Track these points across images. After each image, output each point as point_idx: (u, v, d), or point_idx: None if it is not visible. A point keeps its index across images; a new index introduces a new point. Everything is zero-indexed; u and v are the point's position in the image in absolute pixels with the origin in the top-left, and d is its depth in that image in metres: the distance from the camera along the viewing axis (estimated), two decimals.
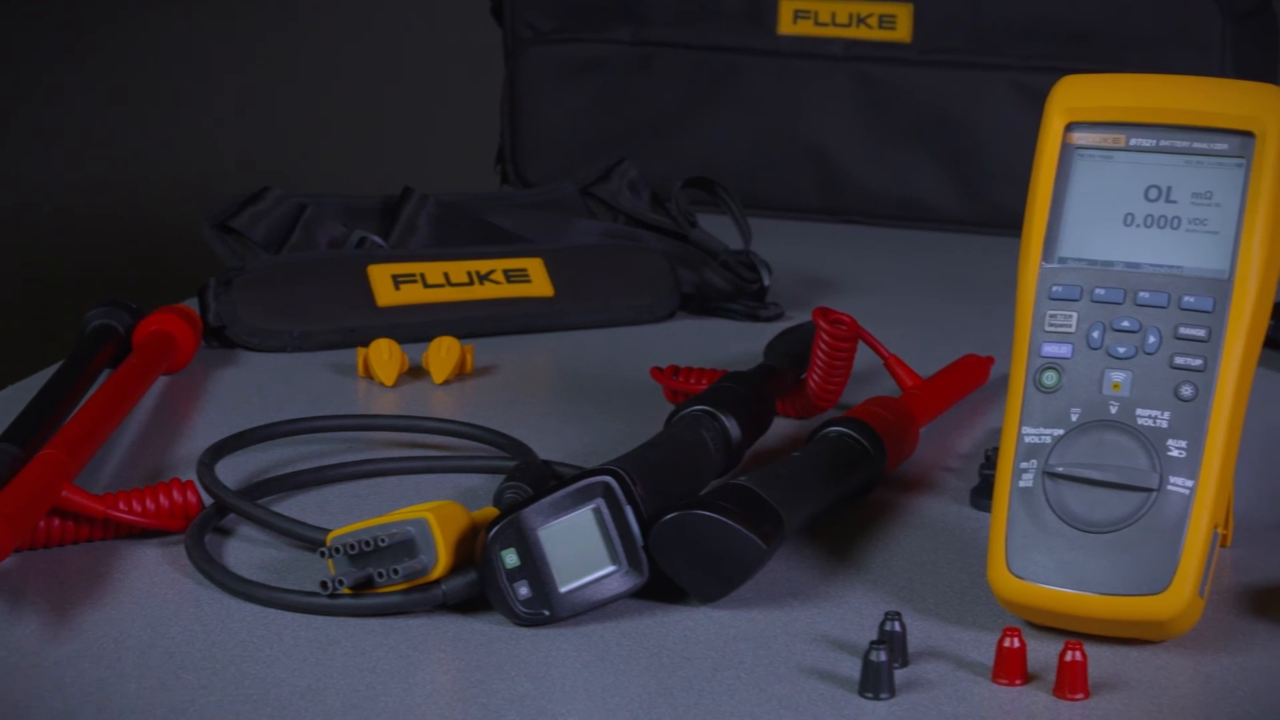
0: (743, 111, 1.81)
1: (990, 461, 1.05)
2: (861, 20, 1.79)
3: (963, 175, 1.76)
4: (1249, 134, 0.88)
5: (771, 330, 1.33)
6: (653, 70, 1.83)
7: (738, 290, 1.45)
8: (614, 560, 0.89)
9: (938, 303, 1.52)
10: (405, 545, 0.88)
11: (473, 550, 0.90)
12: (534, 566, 0.88)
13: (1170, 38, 1.72)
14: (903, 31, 1.78)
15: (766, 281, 1.45)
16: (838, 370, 1.15)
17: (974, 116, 1.76)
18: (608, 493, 0.89)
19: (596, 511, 0.89)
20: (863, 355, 1.20)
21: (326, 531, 0.92)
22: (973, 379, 1.23)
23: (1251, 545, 0.99)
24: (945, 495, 1.06)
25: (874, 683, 0.81)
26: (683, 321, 1.44)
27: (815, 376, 1.15)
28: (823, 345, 1.14)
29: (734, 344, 1.37)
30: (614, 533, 0.89)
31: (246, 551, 0.96)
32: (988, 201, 1.74)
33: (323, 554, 0.89)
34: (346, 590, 0.89)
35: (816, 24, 1.80)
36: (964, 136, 1.76)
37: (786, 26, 1.81)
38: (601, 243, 1.47)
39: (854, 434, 1.03)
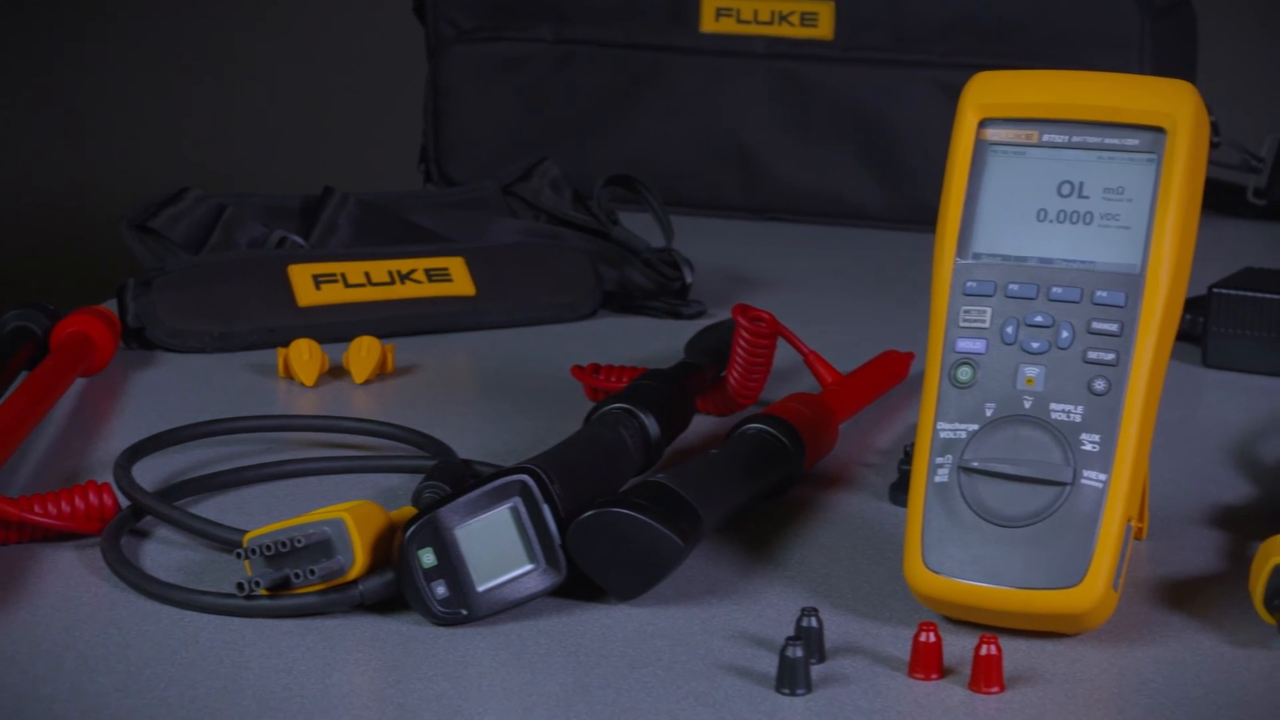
0: (665, 109, 1.82)
1: (909, 457, 1.05)
2: (783, 18, 1.79)
3: (885, 172, 1.76)
4: (1160, 130, 0.89)
5: (694, 328, 1.34)
6: (575, 68, 1.83)
7: (660, 288, 1.45)
8: (531, 559, 0.89)
9: (859, 299, 1.53)
10: (322, 546, 0.88)
11: (390, 550, 0.89)
12: (451, 566, 0.88)
13: (1090, 35, 1.73)
14: (825, 29, 1.78)
15: (689, 279, 1.45)
16: (757, 367, 1.15)
17: (896, 113, 1.76)
18: (525, 491, 0.89)
19: (514, 510, 0.89)
20: (785, 352, 1.21)
21: (243, 533, 0.91)
22: (893, 374, 1.23)
23: (1167, 538, 0.99)
24: (864, 491, 1.06)
25: (790, 678, 0.82)
26: (605, 319, 1.44)
27: (735, 373, 1.15)
28: (742, 342, 1.14)
29: (656, 342, 1.37)
30: (531, 531, 0.89)
31: (163, 554, 0.96)
32: (910, 198, 1.75)
33: (239, 555, 0.89)
34: (263, 591, 0.88)
35: (739, 22, 1.81)
36: (886, 133, 1.76)
37: (709, 24, 1.81)
38: (523, 241, 1.47)
39: (773, 430, 1.03)
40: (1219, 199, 1.88)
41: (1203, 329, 1.31)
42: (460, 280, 1.39)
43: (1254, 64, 2.47)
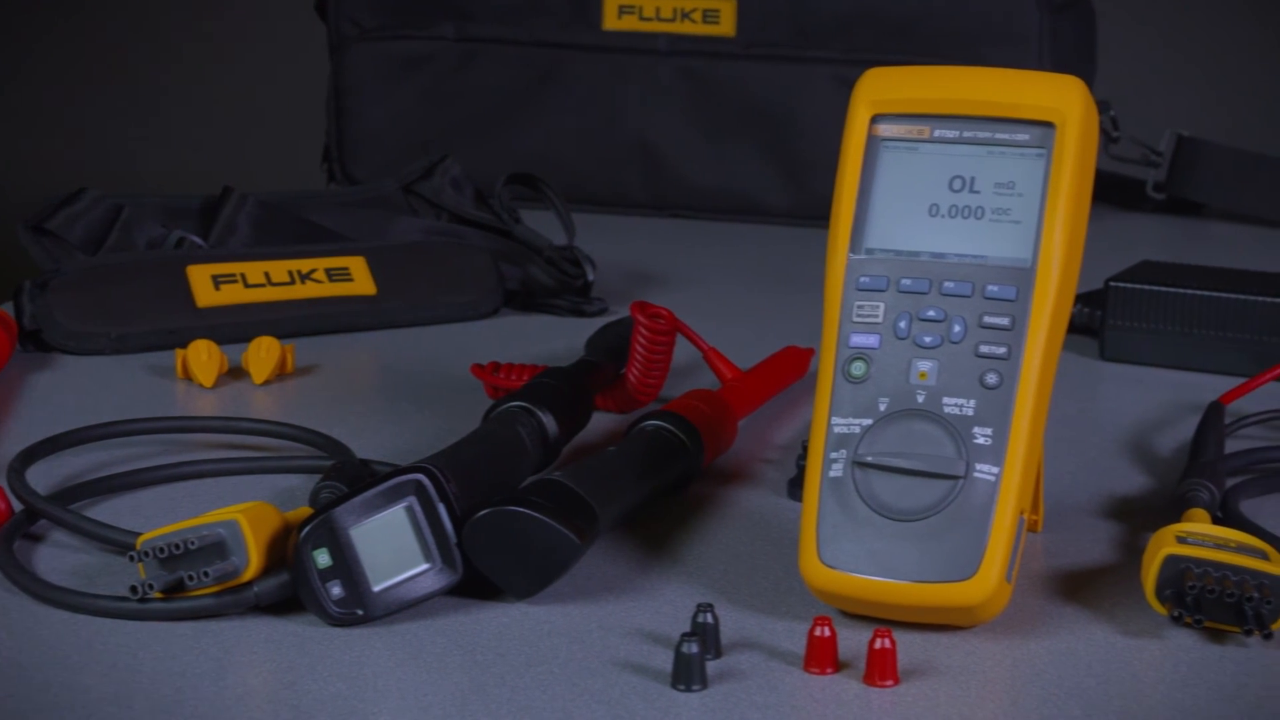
0: (568, 107, 1.82)
1: (807, 452, 1.05)
2: (685, 15, 1.80)
3: (787, 168, 1.77)
4: (1049, 124, 0.89)
5: (596, 325, 1.33)
6: (478, 66, 1.83)
7: (562, 286, 1.45)
8: (427, 558, 0.89)
9: (761, 295, 1.53)
10: (216, 547, 0.87)
11: (286, 551, 0.89)
12: (346, 566, 0.87)
13: (988, 30, 1.74)
14: (726, 26, 1.79)
15: (591, 277, 1.45)
16: (656, 364, 1.15)
17: (798, 109, 1.77)
18: (420, 490, 0.89)
19: (409, 509, 0.89)
20: (686, 349, 1.21)
21: (137, 535, 0.91)
22: (793, 370, 1.23)
23: (1062, 530, 1.00)
24: (763, 487, 1.06)
25: (686, 674, 0.82)
26: (507, 318, 1.44)
27: (634, 370, 1.15)
28: (641, 339, 1.14)
29: (558, 340, 1.37)
30: (427, 530, 0.89)
31: (58, 557, 0.95)
32: (812, 194, 1.76)
33: (133, 558, 0.88)
34: (157, 594, 0.88)
35: (641, 19, 1.81)
36: (788, 129, 1.77)
37: (611, 22, 1.81)
38: (424, 240, 1.46)
39: (670, 427, 1.03)
40: (1119, 193, 1.90)
41: (1100, 322, 1.32)
42: (361, 280, 1.39)
43: (1154, 59, 2.49)
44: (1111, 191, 1.91)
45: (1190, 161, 1.84)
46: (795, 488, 1.04)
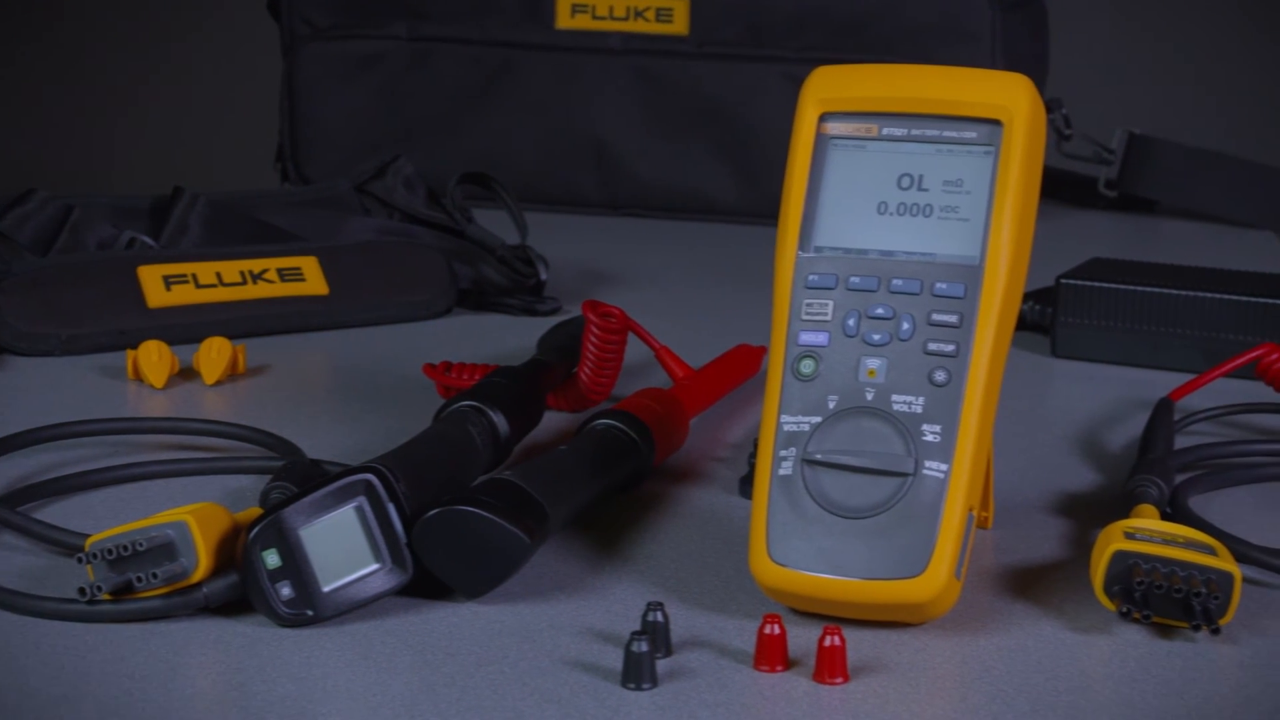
0: (522, 106, 1.81)
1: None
2: (639, 14, 1.80)
3: (740, 167, 1.77)
4: (997, 122, 0.89)
5: (549, 324, 1.33)
6: (431, 66, 1.83)
7: (515, 285, 1.45)
8: (377, 558, 0.89)
9: (715, 294, 1.53)
10: (165, 549, 0.87)
11: (235, 552, 0.89)
12: (296, 566, 0.87)
13: (941, 28, 1.75)
14: (680, 24, 1.79)
15: (543, 276, 1.45)
16: (608, 362, 1.15)
17: (751, 108, 1.77)
18: (369, 490, 0.89)
19: (359, 509, 0.89)
20: (639, 348, 1.21)
21: (86, 537, 0.90)
22: (745, 369, 1.23)
23: (1012, 527, 1.00)
24: (714, 485, 1.06)
25: (636, 673, 0.82)
26: (460, 317, 1.44)
27: (586, 369, 1.15)
28: (592, 338, 1.14)
29: (511, 339, 1.37)
30: (376, 530, 0.89)
31: (5, 559, 0.94)
32: (765, 192, 1.76)
33: (81, 560, 0.88)
34: (106, 596, 0.87)
35: (594, 18, 1.81)
36: (741, 128, 1.77)
37: (565, 20, 1.81)
38: (376, 240, 1.46)
39: (621, 426, 1.03)
40: (1072, 191, 1.91)
41: (1051, 319, 1.33)
42: (313, 280, 1.38)
43: (1105, 57, 2.50)
44: (1064, 189, 1.92)
45: (1142, 159, 1.84)
46: (746, 486, 1.04)
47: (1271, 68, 2.55)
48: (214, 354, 1.24)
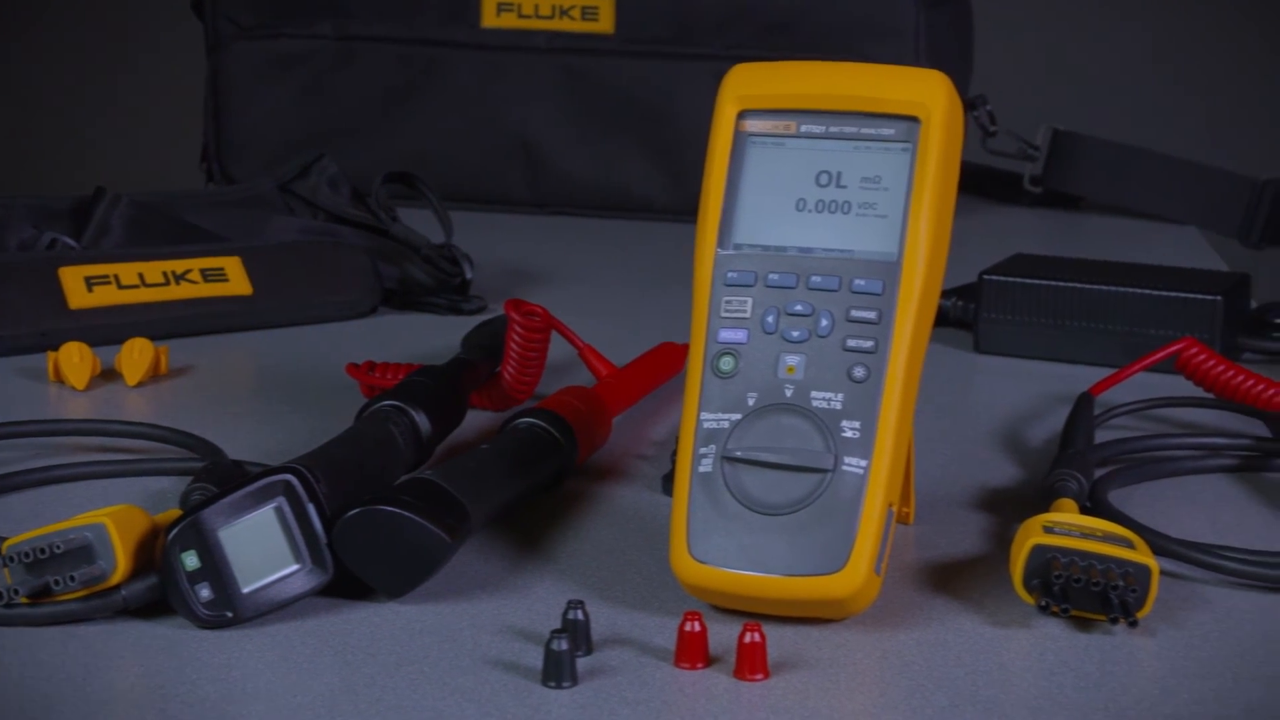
0: (448, 105, 1.81)
1: None
2: (564, 12, 1.80)
3: (667, 164, 1.78)
4: (914, 119, 0.90)
5: (474, 324, 1.33)
6: (357, 65, 1.82)
7: (440, 284, 1.45)
8: (297, 559, 0.88)
9: (641, 291, 1.53)
10: (83, 551, 0.87)
11: (154, 554, 0.88)
12: (215, 568, 0.87)
13: (866, 26, 1.75)
14: (605, 23, 1.79)
15: (469, 275, 1.45)
16: (531, 361, 1.15)
17: (678, 106, 1.78)
18: (289, 490, 0.89)
19: (278, 510, 0.88)
20: (564, 347, 1.21)
21: (3, 540, 0.90)
22: (669, 366, 1.24)
23: (933, 522, 1.01)
24: (637, 483, 1.07)
25: (556, 671, 0.82)
26: (385, 317, 1.43)
27: (509, 368, 1.15)
28: (515, 337, 1.14)
29: (437, 338, 1.36)
30: (296, 531, 0.88)
31: None
32: (692, 190, 1.74)
33: None
34: (23, 599, 0.87)
35: (520, 16, 1.81)
36: (668, 126, 1.78)
37: (490, 19, 1.81)
38: (300, 240, 1.46)
39: (544, 424, 1.03)
40: (997, 187, 1.92)
41: (974, 315, 1.33)
42: (236, 280, 1.38)
43: (1030, 54, 2.51)
44: (990, 185, 1.92)
45: (1066, 155, 1.85)
46: (669, 483, 1.05)
47: (1195, 63, 2.57)
48: (136, 355, 1.24)
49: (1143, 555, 0.88)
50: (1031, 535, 0.88)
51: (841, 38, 1.75)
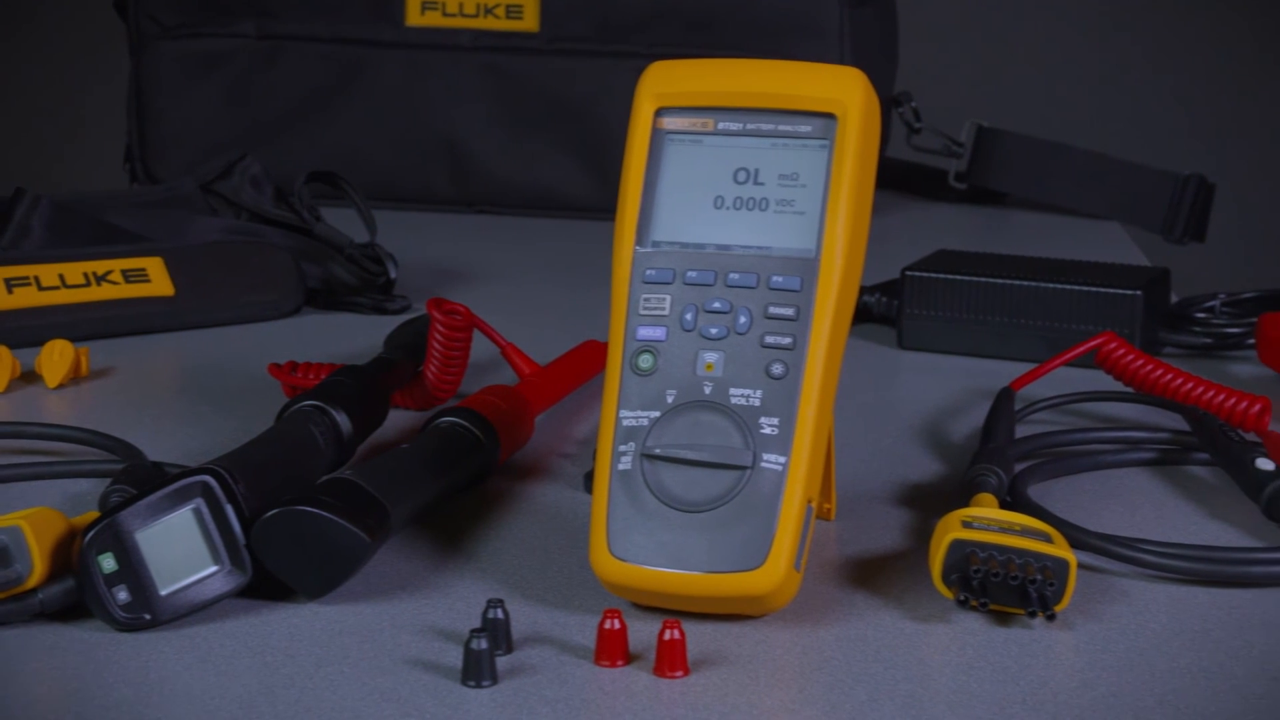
0: (373, 104, 1.81)
1: None
2: (488, 11, 1.79)
3: (592, 162, 1.77)
4: (831, 116, 0.90)
5: (398, 323, 1.33)
6: (281, 64, 1.81)
7: (364, 284, 1.45)
8: (216, 560, 0.88)
9: (565, 289, 1.53)
10: None
11: (71, 556, 0.88)
12: (133, 570, 0.86)
13: (790, 24, 1.76)
14: (530, 21, 1.79)
15: (393, 274, 1.45)
16: (454, 360, 1.15)
17: (603, 104, 1.78)
18: (207, 492, 0.88)
19: (196, 511, 0.88)
20: (489, 346, 1.21)
21: None
22: (593, 364, 1.23)
23: (855, 518, 1.01)
24: (560, 481, 1.06)
25: (475, 671, 0.82)
26: (308, 317, 1.43)
27: (432, 367, 1.15)
28: (438, 336, 1.14)
29: (360, 338, 1.36)
30: (215, 532, 0.88)
31: None
32: (616, 188, 1.76)
33: None
34: None
35: (444, 15, 1.80)
36: (593, 124, 1.77)
37: (414, 18, 1.81)
38: (223, 240, 1.45)
39: (465, 423, 1.03)
40: (923, 184, 1.92)
41: (897, 311, 1.34)
42: (158, 281, 1.37)
43: (955, 51, 2.52)
44: (915, 182, 1.93)
45: (990, 151, 1.86)
46: (591, 481, 1.04)
47: (1119, 59, 2.58)
48: (56, 357, 1.23)
49: (1061, 549, 0.88)
50: (950, 530, 0.89)
51: (766, 36, 1.75)
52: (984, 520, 0.90)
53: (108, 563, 0.86)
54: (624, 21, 1.77)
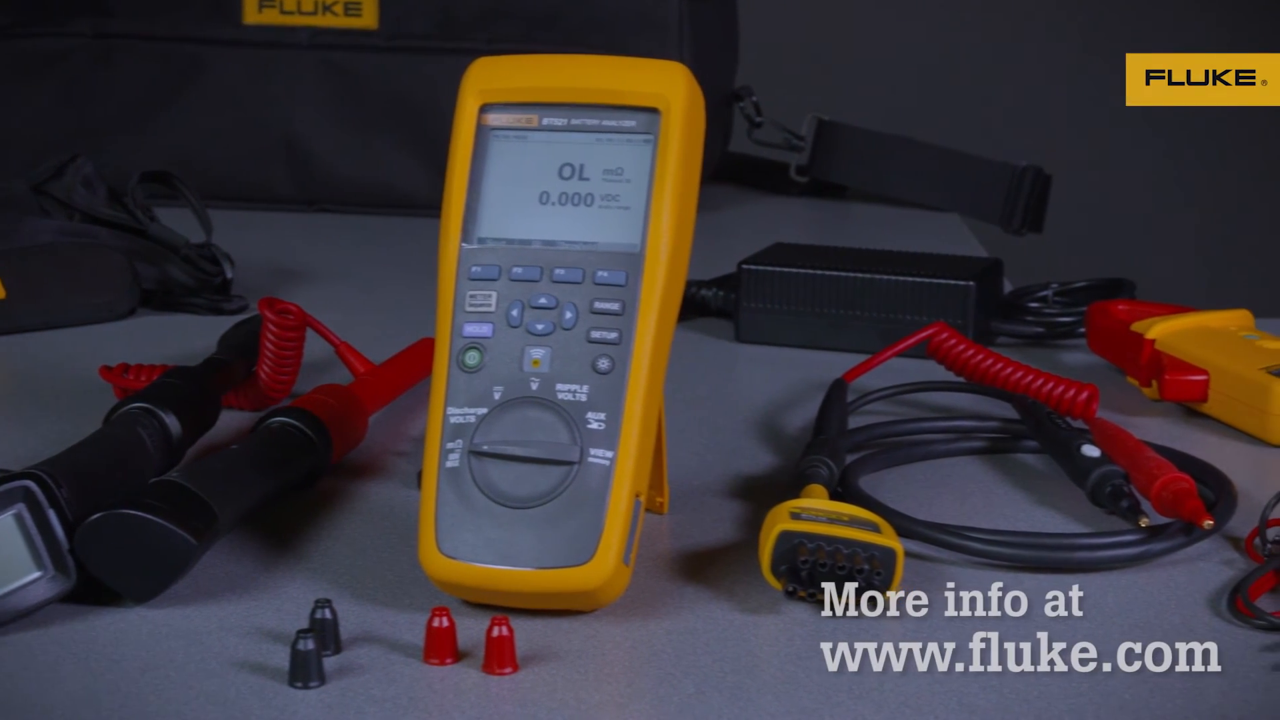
0: (211, 103, 1.79)
1: None
2: (327, 8, 1.78)
3: (432, 160, 1.77)
4: (655, 110, 0.90)
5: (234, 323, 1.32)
6: (117, 64, 1.79)
7: (200, 284, 1.43)
8: (38, 566, 0.87)
9: (406, 288, 1.53)
10: None
11: None
12: None
13: (630, 19, 1.76)
14: (369, 18, 1.78)
15: (229, 274, 1.44)
16: (287, 360, 1.14)
17: (443, 101, 1.77)
18: (29, 497, 0.87)
19: (17, 517, 0.87)
20: (325, 345, 1.20)
21: None
22: (429, 362, 1.22)
23: (688, 511, 1.01)
24: (393, 479, 1.06)
25: (303, 672, 0.81)
26: (144, 318, 1.41)
27: (265, 367, 1.14)
28: (270, 336, 1.13)
29: (197, 339, 1.35)
30: (37, 537, 0.87)
31: None
32: None
33: None
34: None
35: (282, 12, 1.79)
36: (433, 121, 1.77)
37: (252, 15, 1.79)
38: (55, 241, 1.43)
39: (296, 423, 1.02)
40: (763, 177, 1.93)
41: (734, 304, 1.34)
42: None
43: (796, 46, 2.53)
44: (757, 176, 1.94)
45: (830, 145, 1.87)
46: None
47: (960, 52, 2.61)
48: None
49: (888, 538, 0.89)
50: (779, 522, 0.89)
51: (605, 31, 1.76)
52: (812, 511, 0.91)
53: None
54: (464, 18, 1.77)
